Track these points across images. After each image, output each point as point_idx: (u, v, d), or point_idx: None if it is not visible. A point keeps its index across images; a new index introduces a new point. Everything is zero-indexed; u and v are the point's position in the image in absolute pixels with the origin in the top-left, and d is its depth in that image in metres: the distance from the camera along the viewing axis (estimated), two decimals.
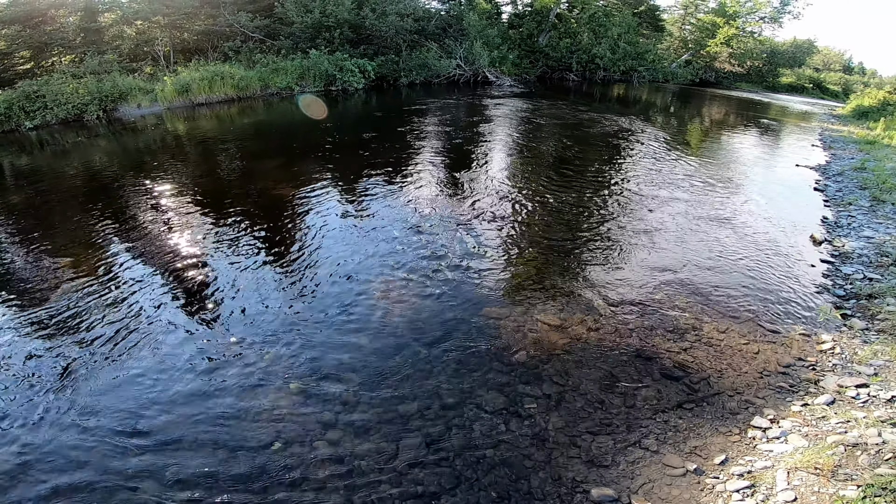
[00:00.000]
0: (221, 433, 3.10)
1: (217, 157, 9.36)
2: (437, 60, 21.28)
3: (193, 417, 3.21)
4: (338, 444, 3.04)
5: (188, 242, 5.65)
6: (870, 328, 4.33)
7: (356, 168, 8.51)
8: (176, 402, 3.33)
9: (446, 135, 11.68)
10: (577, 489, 2.78)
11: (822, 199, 8.12)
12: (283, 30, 19.08)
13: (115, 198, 7.15)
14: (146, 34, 17.50)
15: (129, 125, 12.72)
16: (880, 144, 12.94)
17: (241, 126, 12.52)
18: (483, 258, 5.36)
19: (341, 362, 3.72)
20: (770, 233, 6.56)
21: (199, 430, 3.12)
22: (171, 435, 3.08)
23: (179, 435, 3.08)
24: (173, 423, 3.17)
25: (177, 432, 3.10)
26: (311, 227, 6.07)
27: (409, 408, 3.32)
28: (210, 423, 3.17)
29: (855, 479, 2.58)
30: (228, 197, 7.05)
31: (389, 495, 2.72)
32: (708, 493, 2.75)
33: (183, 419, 3.19)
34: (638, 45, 28.88)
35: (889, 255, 5.69)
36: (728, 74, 34.12)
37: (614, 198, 7.59)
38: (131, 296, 4.54)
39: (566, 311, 4.45)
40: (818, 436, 3.05)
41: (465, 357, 3.81)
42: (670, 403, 3.39)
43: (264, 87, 16.57)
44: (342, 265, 5.13)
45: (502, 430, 3.16)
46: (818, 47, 41.88)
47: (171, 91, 14.16)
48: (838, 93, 37.02)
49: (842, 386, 3.57)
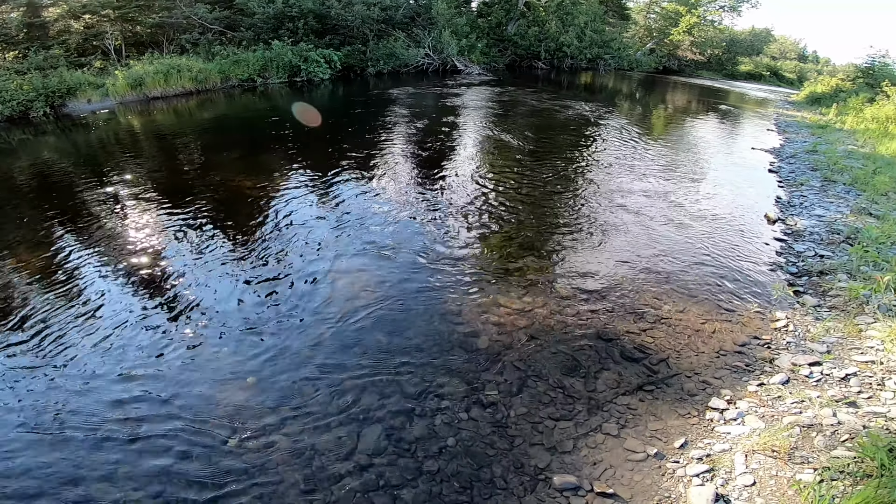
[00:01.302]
0: (176, 430, 2.98)
1: (173, 152, 8.96)
2: (406, 50, 21.00)
3: (146, 414, 3.07)
4: (297, 437, 2.95)
5: (143, 239, 5.38)
6: (822, 304, 4.44)
7: (321, 159, 8.30)
8: (129, 398, 3.18)
9: (413, 124, 11.53)
10: (539, 476, 2.77)
11: (777, 181, 8.42)
12: (244, 21, 18.41)
13: (64, 196, 6.74)
14: (95, 28, 16.60)
15: (78, 121, 12.07)
16: (832, 129, 13.50)
17: (199, 119, 12.05)
18: (447, 246, 5.30)
19: (299, 354, 3.63)
20: (727, 213, 6.75)
21: (153, 426, 2.99)
22: (122, 432, 2.94)
23: (131, 432, 2.95)
24: (123, 420, 3.03)
25: (128, 430, 2.96)
26: (271, 218, 5.88)
27: (370, 399, 3.25)
28: (164, 419, 3.05)
29: (811, 461, 2.59)
30: (185, 191, 6.75)
31: (351, 488, 2.66)
32: (669, 478, 2.75)
33: (135, 416, 3.06)
34: (604, 34, 29.28)
35: (839, 232, 5.92)
36: (690, 63, 34.98)
37: (579, 184, 7.65)
38: (81, 293, 4.29)
39: (529, 296, 4.45)
40: (774, 417, 3.06)
41: (428, 345, 3.77)
42: (630, 386, 3.42)
43: (225, 80, 15.99)
44: (302, 256, 4.99)
45: (464, 418, 3.13)
46: (775, 36, 43.34)
47: (124, 85, 13.49)
48: (794, 80, 38.43)
49: (796, 364, 3.59)
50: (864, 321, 4.02)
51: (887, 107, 14.63)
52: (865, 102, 16.73)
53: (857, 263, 5.00)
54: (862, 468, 2.43)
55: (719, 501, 2.50)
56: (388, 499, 2.62)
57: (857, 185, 7.70)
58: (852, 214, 6.49)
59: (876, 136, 11.61)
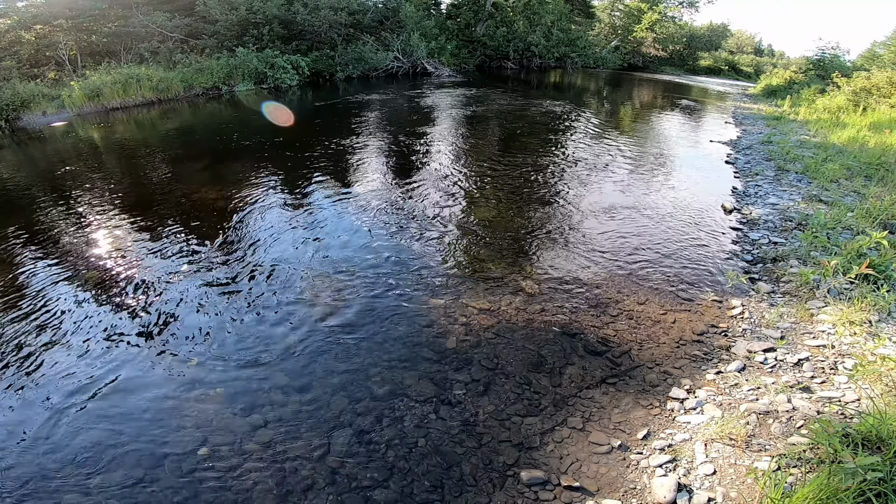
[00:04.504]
0: (145, 442, 2.93)
1: (134, 163, 8.72)
2: (374, 53, 20.95)
3: (114, 426, 3.02)
4: (268, 444, 2.95)
5: (101, 255, 5.23)
6: (776, 291, 4.54)
7: (289, 167, 8.22)
8: (97, 411, 3.11)
9: (382, 128, 11.52)
10: (507, 473, 2.82)
11: (733, 171, 8.75)
12: (207, 28, 18.06)
13: (19, 212, 6.50)
14: (48, 38, 16.03)
15: (35, 134, 11.63)
16: (786, 120, 14.08)
17: (162, 130, 11.76)
18: (414, 249, 5.34)
19: (268, 361, 3.62)
20: (685, 205, 6.99)
21: (122, 439, 2.95)
22: (91, 445, 2.89)
23: (101, 444, 2.90)
24: (93, 432, 2.97)
25: (97, 441, 2.91)
26: (236, 228, 5.80)
27: (340, 402, 3.26)
28: (133, 432, 3.00)
29: (768, 448, 2.62)
30: (146, 204, 6.59)
31: (323, 491, 2.67)
32: (633, 470, 2.80)
33: (104, 428, 3.00)
34: (570, 32, 29.85)
35: (792, 219, 6.18)
36: (653, 59, 35.99)
37: (544, 183, 7.80)
38: (38, 311, 4.15)
39: (496, 294, 4.52)
40: (731, 404, 3.10)
41: (396, 347, 3.80)
42: (594, 379, 3.51)
43: (188, 88, 15.64)
44: (267, 264, 4.95)
45: (433, 418, 3.17)
46: (732, 31, 44.99)
47: (81, 96, 13.07)
48: (751, 74, 39.92)
49: (751, 351, 3.64)
50: (816, 305, 4.12)
51: (838, 97, 15.32)
52: (817, 94, 17.51)
53: (807, 249, 5.21)
54: (817, 454, 2.46)
55: (682, 491, 2.53)
56: (361, 500, 2.64)
57: (808, 174, 8.06)
58: (804, 202, 6.79)
59: (827, 125, 12.16)
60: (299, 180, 7.59)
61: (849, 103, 14.39)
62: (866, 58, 24.65)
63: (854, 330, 3.70)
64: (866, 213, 5.95)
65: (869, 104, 13.99)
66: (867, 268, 4.32)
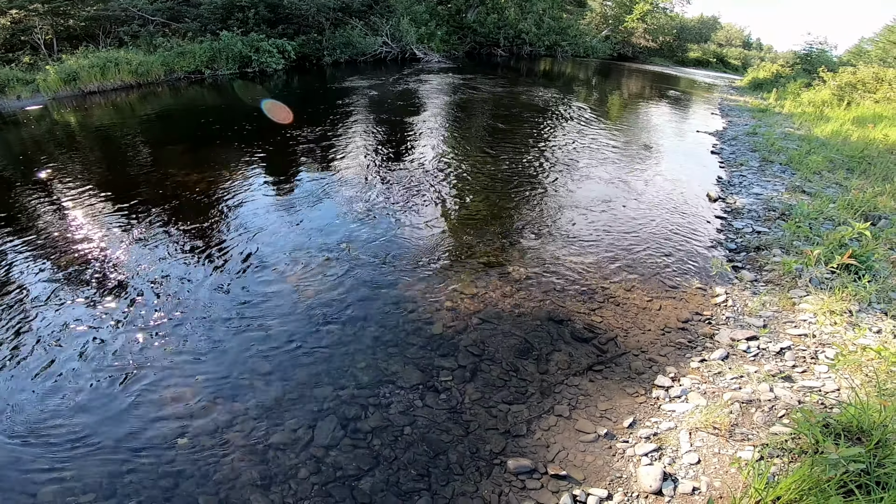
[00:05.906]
0: (123, 432, 2.86)
1: (110, 147, 8.46)
2: (363, 38, 20.56)
3: (93, 417, 2.95)
4: (250, 433, 2.89)
5: (78, 240, 5.07)
6: (758, 279, 4.60)
7: (273, 152, 8.05)
8: (76, 402, 3.02)
9: (369, 113, 11.35)
10: (494, 461, 2.81)
11: (718, 161, 8.84)
12: (190, 11, 17.53)
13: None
14: (23, 23, 15.40)
15: (8, 118, 11.22)
16: (771, 112, 14.23)
17: (140, 114, 11.43)
18: (401, 236, 5.28)
19: (251, 349, 3.54)
20: (672, 193, 7.04)
21: (101, 430, 2.87)
22: (69, 438, 2.82)
23: (79, 436, 2.83)
24: (71, 423, 2.90)
25: (75, 433, 2.84)
26: (219, 214, 5.67)
27: (324, 390, 3.22)
28: (111, 422, 2.93)
29: (751, 438, 2.63)
30: (124, 187, 6.39)
31: (308, 481, 2.64)
32: (619, 458, 2.79)
33: (83, 419, 2.93)
34: (561, 21, 29.66)
35: (775, 209, 6.26)
36: (643, 49, 36.02)
37: (532, 171, 7.77)
38: (13, 294, 4.01)
39: (483, 280, 4.50)
40: (715, 393, 3.10)
41: (381, 333, 3.76)
42: (581, 366, 3.52)
43: (169, 72, 15.19)
44: (250, 250, 4.86)
45: (419, 405, 3.14)
46: (721, 24, 45.17)
47: (56, 80, 12.61)
48: (738, 67, 40.22)
49: (734, 339, 3.66)
50: (798, 294, 4.17)
51: (823, 91, 15.51)
52: (803, 87, 17.71)
53: (790, 238, 5.29)
54: (799, 444, 2.47)
55: (667, 480, 2.53)
56: (346, 490, 2.61)
57: (792, 165, 8.16)
58: (787, 192, 6.88)
59: (812, 118, 12.32)
60: (283, 165, 7.45)
61: (833, 98, 14.58)
62: (853, 53, 24.97)
63: (835, 319, 3.75)
64: (848, 205, 6.04)
65: (853, 99, 14.19)
66: (849, 258, 4.38)
